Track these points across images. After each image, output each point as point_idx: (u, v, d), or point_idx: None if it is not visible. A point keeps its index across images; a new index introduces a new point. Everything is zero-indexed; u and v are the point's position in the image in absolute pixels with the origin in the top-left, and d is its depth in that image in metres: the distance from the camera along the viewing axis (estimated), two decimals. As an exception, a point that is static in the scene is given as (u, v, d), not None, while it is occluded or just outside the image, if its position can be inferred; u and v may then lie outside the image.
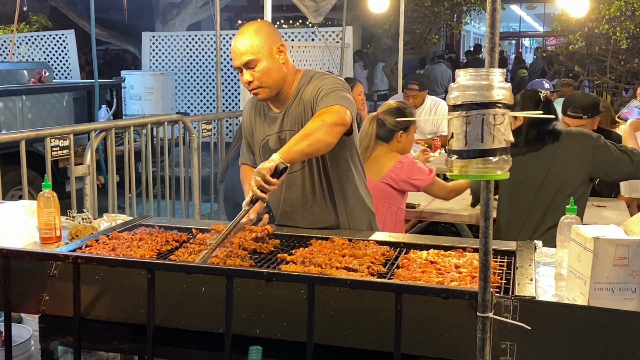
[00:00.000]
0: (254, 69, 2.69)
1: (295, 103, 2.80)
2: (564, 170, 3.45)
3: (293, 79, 2.81)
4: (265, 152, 2.86)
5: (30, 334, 3.04)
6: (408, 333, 1.85)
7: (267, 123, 2.88)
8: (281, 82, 2.76)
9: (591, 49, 9.72)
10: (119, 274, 2.17)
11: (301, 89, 2.79)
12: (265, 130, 2.88)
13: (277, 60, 2.73)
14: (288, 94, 2.80)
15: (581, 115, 4.26)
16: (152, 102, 9.52)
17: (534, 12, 28.04)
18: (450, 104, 1.64)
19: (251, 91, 2.76)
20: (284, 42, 2.78)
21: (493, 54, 1.67)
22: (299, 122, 2.76)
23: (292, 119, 2.79)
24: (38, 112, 7.04)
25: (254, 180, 2.39)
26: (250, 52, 2.67)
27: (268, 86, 2.73)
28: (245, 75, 2.71)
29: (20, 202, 2.92)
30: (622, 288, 1.86)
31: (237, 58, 2.70)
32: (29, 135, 4.23)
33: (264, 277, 1.97)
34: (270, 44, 2.71)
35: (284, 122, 2.82)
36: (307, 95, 2.76)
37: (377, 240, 2.55)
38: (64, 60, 10.78)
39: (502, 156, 1.61)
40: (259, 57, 2.68)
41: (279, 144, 2.77)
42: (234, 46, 2.71)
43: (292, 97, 2.81)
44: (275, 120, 2.84)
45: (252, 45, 2.67)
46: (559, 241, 2.35)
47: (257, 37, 2.69)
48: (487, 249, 1.71)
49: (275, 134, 2.84)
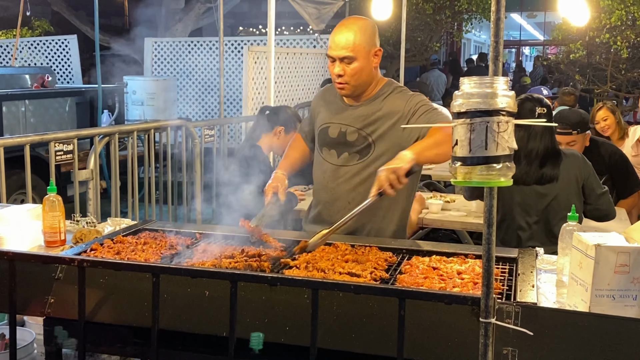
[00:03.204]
0: (349, 65, 2.75)
1: (372, 105, 2.86)
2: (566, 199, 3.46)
3: (377, 83, 2.88)
4: (322, 136, 2.95)
5: (33, 337, 3.05)
6: (411, 338, 1.86)
7: (333, 111, 2.95)
8: (367, 85, 2.85)
9: (592, 58, 9.76)
10: (124, 278, 2.18)
11: (382, 96, 2.86)
12: (328, 117, 2.95)
13: (371, 63, 2.80)
14: (367, 95, 2.88)
15: (570, 132, 4.30)
16: (154, 107, 9.54)
17: (534, 21, 28.08)
18: (455, 112, 1.66)
19: (337, 84, 2.81)
20: (380, 48, 2.84)
21: (497, 62, 1.69)
22: (367, 122, 2.84)
23: (362, 117, 2.86)
24: (41, 117, 7.06)
25: (386, 176, 2.44)
26: (350, 48, 2.72)
27: (355, 85, 2.80)
28: (337, 68, 2.76)
29: (25, 205, 2.94)
30: (623, 295, 1.88)
31: (336, 49, 2.75)
32: (34, 139, 4.25)
33: (268, 282, 1.98)
34: (370, 46, 2.77)
35: (352, 117, 2.88)
36: (396, 105, 2.82)
37: (380, 246, 2.57)
38: (67, 65, 10.81)
39: (505, 163, 1.63)
40: (357, 56, 2.74)
41: (337, 134, 2.89)
42: (336, 36, 2.76)
43: (370, 99, 2.88)
44: (342, 112, 2.91)
45: (355, 42, 2.72)
46: (560, 248, 2.36)
47: (362, 36, 2.74)
48: (490, 255, 1.73)
49: (337, 124, 2.91)
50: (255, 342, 1.82)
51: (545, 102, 3.58)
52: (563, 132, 4.31)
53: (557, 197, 3.44)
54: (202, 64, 10.72)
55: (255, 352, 1.88)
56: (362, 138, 2.85)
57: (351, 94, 2.85)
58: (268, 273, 2.22)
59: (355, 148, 2.86)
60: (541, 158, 3.45)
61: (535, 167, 3.43)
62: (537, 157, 3.44)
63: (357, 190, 2.85)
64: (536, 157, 3.44)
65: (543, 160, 3.45)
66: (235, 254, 2.43)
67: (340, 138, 2.89)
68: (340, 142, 2.89)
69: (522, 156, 3.43)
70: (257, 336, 1.83)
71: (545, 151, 3.45)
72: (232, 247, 2.57)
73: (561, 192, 3.45)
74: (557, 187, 3.44)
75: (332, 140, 2.91)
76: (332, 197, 2.92)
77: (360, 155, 2.86)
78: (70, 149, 4.32)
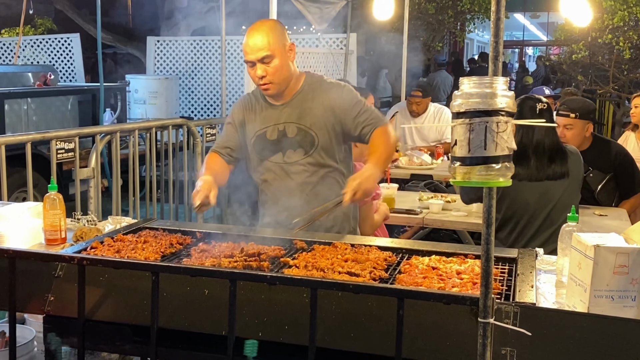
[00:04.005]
0: (269, 64, 2.82)
1: (300, 98, 2.94)
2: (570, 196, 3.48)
3: (297, 78, 2.97)
4: (260, 143, 2.98)
5: (34, 335, 3.07)
6: (409, 338, 1.86)
7: (263, 117, 2.98)
8: (289, 79, 2.92)
9: (594, 59, 9.75)
10: (124, 276, 2.19)
11: (307, 87, 2.96)
12: (260, 124, 2.98)
13: (288, 58, 2.88)
14: (292, 90, 2.95)
15: (568, 114, 4.34)
16: (156, 106, 9.55)
17: (537, 21, 28.04)
18: (454, 112, 1.66)
19: (261, 85, 2.88)
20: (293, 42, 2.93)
21: (497, 62, 1.69)
22: (303, 114, 2.92)
23: (294, 112, 2.93)
24: (43, 115, 7.07)
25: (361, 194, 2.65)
26: (267, 48, 2.80)
27: (279, 82, 2.87)
28: (259, 70, 2.83)
29: (26, 203, 2.94)
30: (622, 296, 1.88)
31: (253, 53, 2.81)
32: (35, 137, 4.26)
33: (267, 281, 1.99)
34: (283, 42, 2.86)
35: (284, 114, 2.95)
36: (328, 95, 2.92)
37: (380, 246, 2.57)
38: (69, 64, 10.82)
39: (504, 163, 1.63)
40: (275, 53, 2.82)
41: (276, 135, 2.95)
42: (249, 40, 2.82)
43: (296, 93, 2.96)
44: (273, 114, 2.96)
45: (270, 41, 2.80)
46: (559, 249, 2.36)
47: (274, 34, 2.82)
48: (489, 255, 1.73)
49: (273, 126, 2.96)
50: (249, 350, 1.83)
51: (545, 100, 3.61)
52: (562, 113, 4.37)
53: (565, 193, 3.46)
54: (205, 62, 10.72)
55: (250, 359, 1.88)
56: (302, 131, 2.93)
57: (277, 92, 2.92)
58: (267, 272, 2.22)
59: (298, 142, 2.94)
60: (549, 153, 3.48)
61: (545, 162, 3.47)
62: (544, 152, 3.48)
63: (311, 182, 2.95)
64: (544, 152, 3.48)
65: (552, 155, 3.49)
66: (234, 253, 2.43)
67: (280, 137, 2.95)
68: (281, 141, 2.95)
69: (530, 153, 3.46)
70: (251, 344, 1.83)
71: (552, 145, 3.48)
72: (232, 246, 2.57)
73: (569, 188, 3.48)
74: (566, 183, 3.48)
75: (273, 142, 2.96)
76: (289, 193, 2.97)
77: (304, 149, 2.94)
78: (71, 147, 4.32)
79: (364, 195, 2.66)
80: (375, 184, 2.71)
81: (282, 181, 2.98)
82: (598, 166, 4.41)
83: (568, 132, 4.34)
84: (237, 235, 2.70)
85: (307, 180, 2.96)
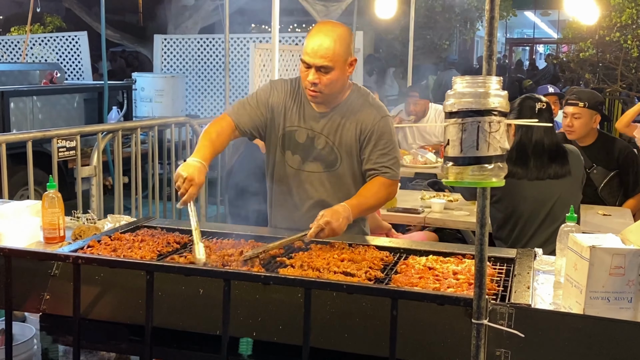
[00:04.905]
0: (325, 74, 2.66)
1: (339, 112, 2.80)
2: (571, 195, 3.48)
3: (345, 89, 2.82)
4: (288, 139, 2.84)
5: (33, 332, 3.07)
6: (403, 338, 1.85)
7: (300, 114, 2.83)
8: (339, 93, 2.78)
9: (602, 57, 9.68)
10: (119, 275, 2.19)
11: (350, 103, 2.81)
12: (296, 120, 2.84)
13: (346, 72, 2.72)
14: (336, 101, 2.80)
15: (577, 102, 4.35)
16: (163, 104, 9.55)
17: (548, 19, 27.91)
18: (447, 111, 1.65)
19: (310, 92, 2.72)
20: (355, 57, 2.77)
21: (490, 62, 1.68)
22: (335, 131, 2.79)
23: (331, 125, 2.80)
24: (48, 113, 7.08)
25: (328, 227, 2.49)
26: (330, 58, 2.63)
27: (328, 94, 2.73)
28: (312, 75, 2.66)
29: (25, 201, 2.95)
30: (618, 297, 1.86)
31: (314, 57, 2.64)
32: (36, 135, 4.27)
33: (261, 281, 1.99)
34: (347, 56, 2.69)
35: (321, 124, 2.81)
36: (363, 118, 2.78)
37: (377, 246, 2.56)
38: (77, 62, 10.85)
39: (497, 163, 1.62)
40: (335, 66, 2.65)
41: (304, 139, 2.81)
42: (314, 43, 2.64)
43: (339, 105, 2.81)
44: (312, 118, 2.82)
45: (335, 52, 2.63)
46: (558, 249, 2.35)
47: (341, 45, 2.65)
48: (483, 256, 1.72)
49: (306, 130, 2.82)
50: (244, 348, 1.82)
51: (544, 99, 3.60)
52: (572, 102, 4.37)
53: (566, 192, 3.44)
54: (211, 61, 10.73)
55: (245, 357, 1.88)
56: (329, 147, 2.81)
57: (322, 102, 2.77)
58: (262, 272, 2.21)
59: (322, 156, 2.82)
60: (549, 153, 3.46)
61: (545, 162, 3.45)
62: (544, 151, 3.46)
63: (321, 198, 2.84)
64: (543, 151, 3.46)
65: (551, 155, 3.47)
66: (234, 253, 2.43)
67: (307, 143, 2.82)
68: (306, 148, 2.83)
69: (530, 152, 3.44)
70: (246, 341, 1.83)
71: (551, 145, 3.47)
72: (232, 244, 2.57)
73: (570, 186, 3.47)
74: (567, 182, 3.46)
75: (299, 144, 2.83)
76: (293, 201, 2.89)
77: (325, 165, 2.83)
78: (73, 145, 4.33)
79: (329, 235, 2.51)
80: (341, 225, 2.53)
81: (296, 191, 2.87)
82: (602, 162, 4.39)
83: (576, 121, 4.34)
84: (236, 234, 2.70)
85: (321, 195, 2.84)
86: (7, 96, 6.39)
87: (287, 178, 2.88)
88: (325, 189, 2.84)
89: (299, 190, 2.87)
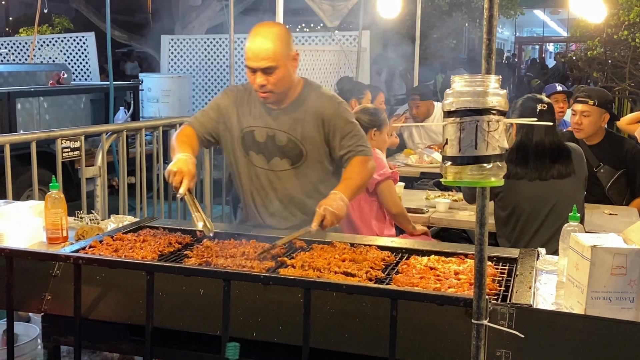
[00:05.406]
0: (271, 74, 2.70)
1: (294, 107, 2.85)
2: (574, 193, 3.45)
3: (296, 85, 2.87)
4: (247, 140, 2.90)
5: (37, 332, 3.08)
6: (404, 339, 1.84)
7: (255, 114, 2.90)
8: (289, 89, 2.82)
9: (610, 55, 9.62)
10: (120, 275, 2.19)
11: (305, 97, 2.86)
12: (251, 121, 2.90)
13: (291, 68, 2.77)
14: (289, 97, 2.86)
15: (587, 100, 4.33)
16: (169, 104, 9.58)
17: (558, 17, 27.85)
18: (445, 110, 1.64)
19: (261, 94, 2.77)
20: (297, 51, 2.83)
21: (490, 60, 1.66)
22: (296, 126, 2.84)
23: (291, 121, 2.85)
24: (55, 114, 7.11)
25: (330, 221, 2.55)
26: (272, 58, 2.68)
27: (279, 92, 2.77)
28: (259, 78, 2.71)
29: (27, 202, 2.96)
30: (620, 297, 1.84)
31: (256, 61, 2.69)
32: (40, 136, 4.27)
33: (261, 281, 1.98)
34: (288, 52, 2.74)
35: (279, 121, 2.86)
36: (320, 108, 2.84)
37: (379, 246, 2.55)
38: (85, 62, 10.89)
39: (496, 163, 1.61)
40: (279, 64, 2.70)
41: (264, 138, 2.86)
42: (254, 47, 2.69)
43: (294, 100, 2.86)
44: (269, 117, 2.87)
45: (275, 51, 2.68)
46: (561, 249, 2.33)
47: (280, 44, 2.70)
48: (482, 256, 1.71)
49: (264, 128, 2.87)
50: (231, 352, 1.81)
51: (546, 100, 3.60)
52: (581, 99, 4.36)
53: (569, 190, 3.43)
54: (218, 61, 10.74)
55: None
56: (292, 142, 2.85)
57: (276, 101, 2.82)
58: (261, 272, 2.21)
59: (286, 152, 2.86)
60: (550, 153, 3.44)
61: (547, 162, 3.44)
62: (545, 152, 3.45)
63: (292, 194, 2.90)
64: (544, 152, 3.45)
65: (553, 154, 3.45)
66: (234, 253, 2.43)
67: (268, 142, 2.87)
68: (268, 146, 2.87)
69: (531, 153, 3.43)
70: (233, 346, 1.82)
71: (553, 145, 3.45)
72: (233, 244, 2.56)
73: (573, 185, 3.45)
74: (570, 181, 3.44)
75: (260, 144, 2.88)
76: (266, 200, 2.94)
77: (291, 160, 2.87)
78: (77, 146, 4.34)
79: (332, 223, 2.57)
80: (343, 211, 2.60)
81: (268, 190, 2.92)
82: (609, 161, 4.36)
83: (585, 119, 4.32)
84: (238, 234, 2.70)
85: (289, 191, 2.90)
86: (14, 97, 6.42)
87: (258, 178, 2.93)
88: (295, 185, 2.89)
89: (270, 188, 2.92)
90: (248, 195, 2.99)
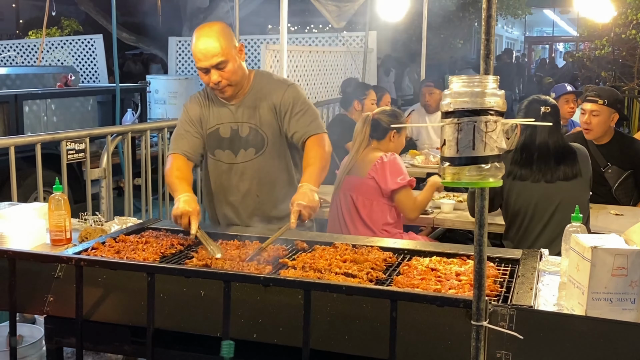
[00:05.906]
0: (223, 69, 2.83)
1: (250, 97, 2.97)
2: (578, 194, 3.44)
3: (248, 76, 3.00)
4: (211, 140, 3.02)
5: (42, 334, 3.09)
6: (404, 340, 1.84)
7: (217, 114, 3.01)
8: (243, 79, 2.95)
9: (618, 54, 9.57)
10: (121, 277, 2.19)
11: (257, 86, 2.98)
12: (214, 121, 3.01)
13: (239, 59, 2.90)
14: (244, 89, 2.98)
15: (597, 100, 4.31)
16: (176, 106, 9.60)
17: (567, 17, 27.75)
18: (443, 111, 1.63)
19: (218, 90, 2.90)
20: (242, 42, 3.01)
21: (488, 61, 1.66)
22: (254, 114, 2.96)
23: (247, 111, 2.97)
24: (63, 116, 7.12)
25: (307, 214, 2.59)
26: (220, 53, 2.80)
27: (235, 84, 2.90)
28: (214, 75, 2.84)
29: (31, 204, 2.97)
30: (621, 298, 1.83)
31: (206, 60, 2.81)
32: (45, 138, 4.29)
33: (261, 282, 1.98)
34: (233, 44, 2.87)
35: (238, 114, 2.98)
36: (273, 94, 2.96)
37: (381, 247, 2.54)
38: (93, 65, 10.94)
39: (494, 163, 1.60)
40: (229, 58, 2.83)
41: (229, 133, 2.99)
42: (201, 47, 2.81)
43: (249, 92, 2.99)
44: (227, 112, 2.99)
45: (221, 46, 2.81)
46: (563, 250, 2.32)
47: (224, 39, 2.83)
48: (482, 257, 1.70)
49: (227, 124, 2.99)
50: (226, 351, 1.81)
51: (551, 102, 3.58)
52: (591, 99, 4.34)
53: (573, 191, 3.41)
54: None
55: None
56: (254, 130, 2.97)
57: (233, 94, 2.94)
58: (262, 274, 2.21)
59: (250, 142, 2.98)
60: (555, 154, 3.42)
61: (552, 164, 3.42)
62: (549, 153, 3.43)
63: (263, 182, 3.00)
64: (548, 153, 3.43)
65: (558, 156, 3.43)
66: (234, 255, 2.43)
67: (233, 136, 2.99)
68: (234, 140, 2.99)
69: (534, 155, 3.42)
70: (227, 344, 1.82)
71: (556, 147, 3.43)
72: (234, 245, 2.57)
73: (578, 186, 3.44)
74: (576, 182, 3.43)
75: (225, 139, 3.00)
76: (240, 195, 3.03)
77: (256, 148, 2.98)
78: (82, 147, 4.35)
79: (310, 215, 2.61)
80: (315, 200, 2.63)
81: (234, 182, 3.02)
82: (617, 162, 4.33)
83: (594, 118, 4.29)
84: (239, 235, 2.70)
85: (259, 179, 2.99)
86: (21, 99, 6.44)
87: (226, 175, 3.03)
88: (260, 174, 2.99)
89: (237, 183, 3.02)
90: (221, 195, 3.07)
